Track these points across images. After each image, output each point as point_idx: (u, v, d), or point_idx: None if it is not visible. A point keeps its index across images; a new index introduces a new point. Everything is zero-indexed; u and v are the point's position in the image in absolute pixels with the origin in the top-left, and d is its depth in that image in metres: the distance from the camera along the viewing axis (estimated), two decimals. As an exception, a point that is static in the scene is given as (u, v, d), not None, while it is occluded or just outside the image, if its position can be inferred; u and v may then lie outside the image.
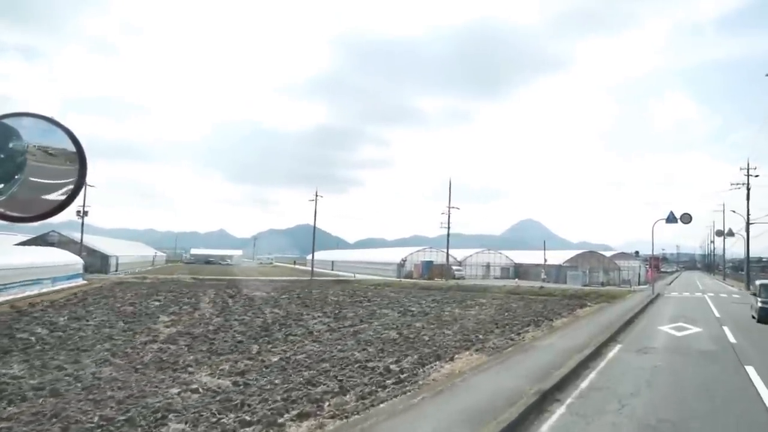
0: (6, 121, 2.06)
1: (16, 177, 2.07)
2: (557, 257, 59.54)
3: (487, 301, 34.45)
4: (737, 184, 45.16)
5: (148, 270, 67.54)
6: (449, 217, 51.89)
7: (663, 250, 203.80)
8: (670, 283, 57.72)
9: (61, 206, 2.15)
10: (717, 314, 21.80)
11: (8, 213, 2.07)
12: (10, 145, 2.07)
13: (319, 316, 23.98)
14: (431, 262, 58.23)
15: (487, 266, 66.21)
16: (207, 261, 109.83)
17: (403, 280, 53.83)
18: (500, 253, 69.29)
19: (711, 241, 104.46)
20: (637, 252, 47.00)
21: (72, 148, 2.15)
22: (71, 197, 2.15)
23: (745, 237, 46.02)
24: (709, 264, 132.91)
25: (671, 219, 33.30)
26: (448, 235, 52.55)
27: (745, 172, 44.62)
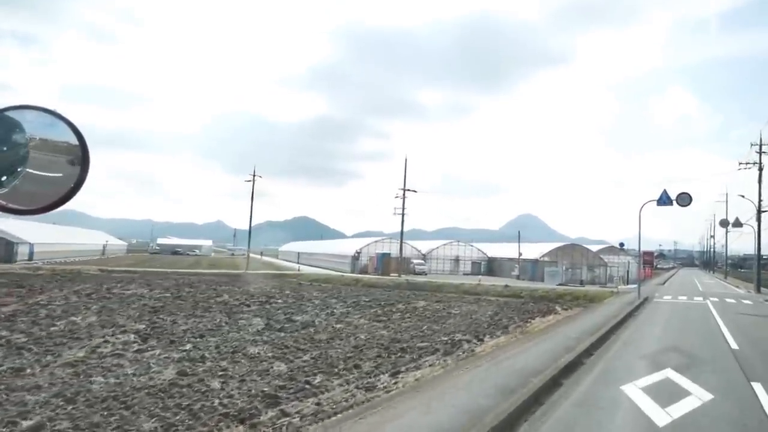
0: (9, 113, 2.00)
1: (18, 169, 2.01)
2: (535, 251, 51.65)
3: (426, 305, 27.73)
4: (746, 163, 37.12)
5: (87, 260, 59.53)
6: (404, 201, 43.90)
7: (660, 246, 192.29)
8: (664, 283, 49.73)
9: (64, 199, 2.08)
10: (733, 343, 13.00)
11: (11, 205, 2.00)
12: (13, 137, 2.01)
13: (133, 330, 16.81)
14: (387, 254, 50.20)
15: (456, 260, 58.56)
16: (174, 251, 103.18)
17: (346, 275, 46.88)
18: (472, 246, 61.71)
19: (711, 236, 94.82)
20: (621, 244, 38.04)
21: (74, 140, 2.09)
22: (74, 190, 2.07)
23: (756, 227, 38.16)
24: (708, 261, 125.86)
25: (664, 200, 25.13)
26: (402, 222, 44.31)
27: (757, 149, 36.53)
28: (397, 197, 43.38)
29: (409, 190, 43.89)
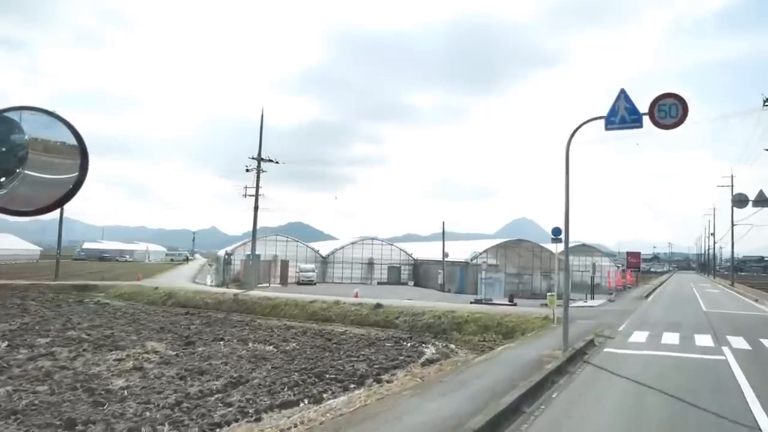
0: (7, 114, 1.97)
1: (17, 171, 1.97)
2: (466, 250, 37.55)
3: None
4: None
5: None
6: (258, 177, 28.79)
7: (654, 248, 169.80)
8: (648, 295, 32.81)
9: (63, 200, 2.04)
10: None
11: (9, 207, 1.97)
12: (12, 138, 1.98)
13: None
14: (257, 257, 35.82)
15: (370, 264, 44.33)
16: (101, 257, 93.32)
17: (160, 288, 33.31)
18: (392, 246, 47.24)
19: (710, 234, 74.37)
20: (556, 231, 22.55)
21: (73, 141, 2.05)
22: (73, 191, 2.03)
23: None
24: (706, 263, 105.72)
25: (625, 118, 10.76)
26: (256, 207, 29.06)
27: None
28: (249, 170, 28.69)
29: (265, 159, 28.96)
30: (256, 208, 29.08)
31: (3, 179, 1.92)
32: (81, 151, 2.01)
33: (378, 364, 14.29)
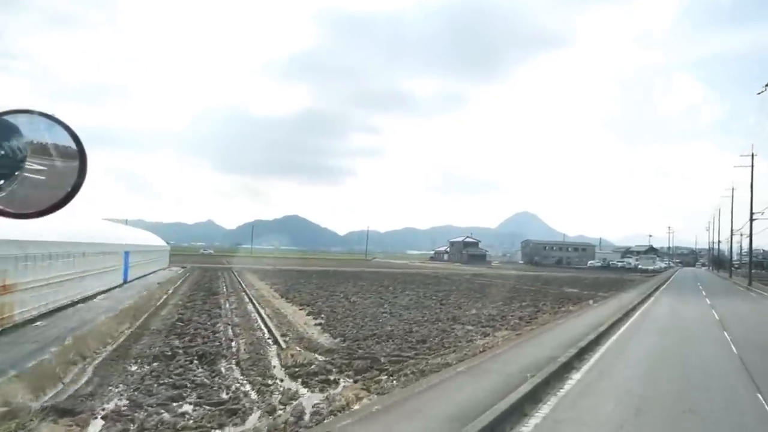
0: (6, 117, 2.01)
1: (16, 173, 2.02)
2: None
3: None
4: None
5: None
6: None
7: (650, 236, 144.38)
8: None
9: (62, 202, 2.09)
10: None
11: (9, 210, 2.02)
12: (11, 141, 2.02)
13: None
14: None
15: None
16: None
17: None
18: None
19: (751, 197, 48.18)
20: None
21: (72, 144, 2.09)
22: (72, 193, 2.09)
23: None
24: (720, 259, 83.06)
25: None
26: None
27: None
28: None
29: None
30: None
31: (2, 182, 1.97)
32: (79, 154, 2.06)
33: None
